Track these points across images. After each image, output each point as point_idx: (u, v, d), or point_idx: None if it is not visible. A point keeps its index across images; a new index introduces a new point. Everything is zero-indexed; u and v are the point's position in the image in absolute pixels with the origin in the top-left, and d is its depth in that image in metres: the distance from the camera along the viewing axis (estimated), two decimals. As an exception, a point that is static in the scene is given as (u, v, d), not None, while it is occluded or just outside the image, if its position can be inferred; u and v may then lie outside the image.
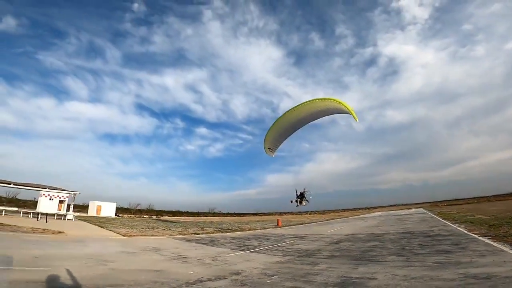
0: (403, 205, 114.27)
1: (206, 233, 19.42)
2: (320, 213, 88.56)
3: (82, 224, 21.74)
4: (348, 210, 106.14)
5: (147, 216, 52.71)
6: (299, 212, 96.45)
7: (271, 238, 16.07)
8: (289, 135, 12.55)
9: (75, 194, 29.50)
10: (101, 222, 25.41)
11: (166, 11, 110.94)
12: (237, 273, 6.68)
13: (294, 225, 31.47)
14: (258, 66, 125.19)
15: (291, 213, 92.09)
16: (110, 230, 17.71)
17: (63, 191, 29.23)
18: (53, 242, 10.93)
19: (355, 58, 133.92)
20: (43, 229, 14.79)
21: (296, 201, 12.83)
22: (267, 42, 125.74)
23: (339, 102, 9.67)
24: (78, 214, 33.98)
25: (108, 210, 42.21)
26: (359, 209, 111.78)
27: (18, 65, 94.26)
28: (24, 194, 45.01)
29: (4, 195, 46.12)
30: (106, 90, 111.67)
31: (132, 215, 51.66)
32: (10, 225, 15.33)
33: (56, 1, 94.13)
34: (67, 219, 25.57)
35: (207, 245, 12.88)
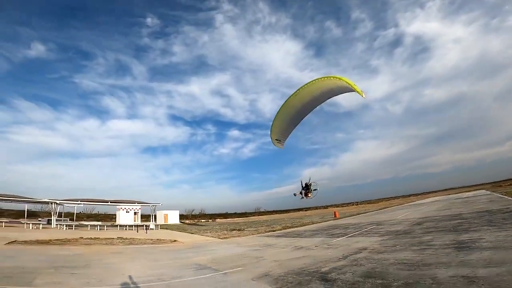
0: (459, 188, 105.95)
1: (279, 230, 21.48)
2: (368, 203, 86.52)
3: (170, 232, 25.10)
4: (397, 198, 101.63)
5: (204, 220, 56.77)
6: (344, 203, 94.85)
7: (348, 227, 17.49)
8: (297, 123, 11.81)
9: (155, 206, 33.62)
10: (180, 229, 28.91)
11: (179, 21, 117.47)
12: (363, 249, 8.37)
13: (351, 215, 32.16)
14: (279, 62, 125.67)
15: (339, 205, 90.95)
16: (203, 235, 20.56)
17: (138, 204, 33.60)
18: (187, 250, 12.92)
19: (377, 41, 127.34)
20: (157, 239, 17.67)
21: (301, 193, 11.53)
22: (283, 38, 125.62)
23: (339, 79, 9.23)
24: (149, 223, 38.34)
25: (173, 217, 45.77)
26: (410, 195, 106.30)
27: (59, 90, 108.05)
28: (99, 208, 51.11)
29: (83, 211, 52.96)
30: (139, 106, 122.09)
31: (191, 220, 55.93)
32: (128, 238, 18.55)
33: (76, 23, 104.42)
34: (153, 229, 29.46)
35: (301, 237, 14.82)
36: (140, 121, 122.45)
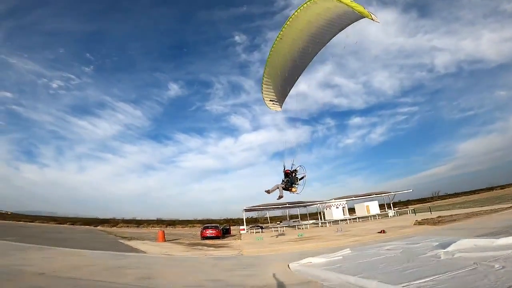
0: None
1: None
2: None
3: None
4: None
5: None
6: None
7: None
8: (296, 76, 8.71)
9: (393, 195, 36.86)
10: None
11: (262, 30, 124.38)
12: None
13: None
14: (380, 35, 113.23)
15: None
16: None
17: (343, 199, 36.16)
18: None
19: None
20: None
21: (281, 187, 8.40)
22: (372, 10, 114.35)
23: (340, 1, 6.27)
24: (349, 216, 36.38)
25: (374, 208, 40.07)
26: None
27: (200, 119, 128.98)
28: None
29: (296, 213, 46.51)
30: (259, 117, 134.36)
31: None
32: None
33: (189, 59, 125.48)
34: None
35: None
36: (263, 131, 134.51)
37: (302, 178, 8.55)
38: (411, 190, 38.32)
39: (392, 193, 36.80)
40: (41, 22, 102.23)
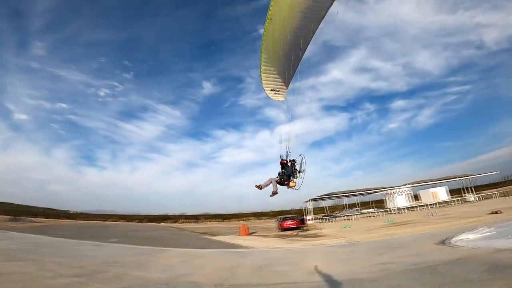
0: None
1: None
2: None
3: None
4: None
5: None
6: None
7: None
8: (296, 60, 7.60)
9: (474, 178, 33.61)
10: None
11: None
12: None
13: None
14: (415, 15, 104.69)
15: None
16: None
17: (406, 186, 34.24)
18: None
19: None
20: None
21: (278, 181, 7.12)
22: None
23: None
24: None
25: (442, 194, 37.20)
26: None
27: (235, 115, 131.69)
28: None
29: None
30: (293, 107, 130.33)
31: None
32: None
33: (219, 56, 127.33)
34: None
35: None
36: (299, 121, 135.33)
37: (302, 170, 7.16)
38: (498, 172, 35.30)
39: (474, 176, 33.40)
40: (79, 33, 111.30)
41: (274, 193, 6.91)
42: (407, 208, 30.76)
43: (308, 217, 30.36)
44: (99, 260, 8.32)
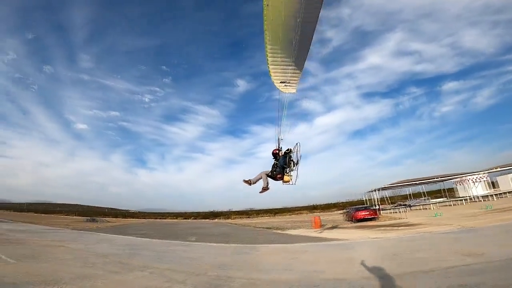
0: None
1: None
2: None
3: None
4: None
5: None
6: None
7: None
8: (303, 48, 6.73)
9: None
10: None
11: None
12: None
13: None
14: None
15: None
16: None
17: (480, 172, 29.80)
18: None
19: None
20: None
21: (270, 175, 6.40)
22: None
23: None
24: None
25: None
26: None
27: (270, 109, 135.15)
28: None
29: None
30: (331, 98, 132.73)
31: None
32: None
33: (247, 54, 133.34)
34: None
35: None
36: (337, 111, 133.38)
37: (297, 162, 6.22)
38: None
39: None
40: (117, 43, 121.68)
41: (264, 189, 6.39)
42: (485, 196, 26.93)
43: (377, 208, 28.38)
44: (207, 263, 7.59)
